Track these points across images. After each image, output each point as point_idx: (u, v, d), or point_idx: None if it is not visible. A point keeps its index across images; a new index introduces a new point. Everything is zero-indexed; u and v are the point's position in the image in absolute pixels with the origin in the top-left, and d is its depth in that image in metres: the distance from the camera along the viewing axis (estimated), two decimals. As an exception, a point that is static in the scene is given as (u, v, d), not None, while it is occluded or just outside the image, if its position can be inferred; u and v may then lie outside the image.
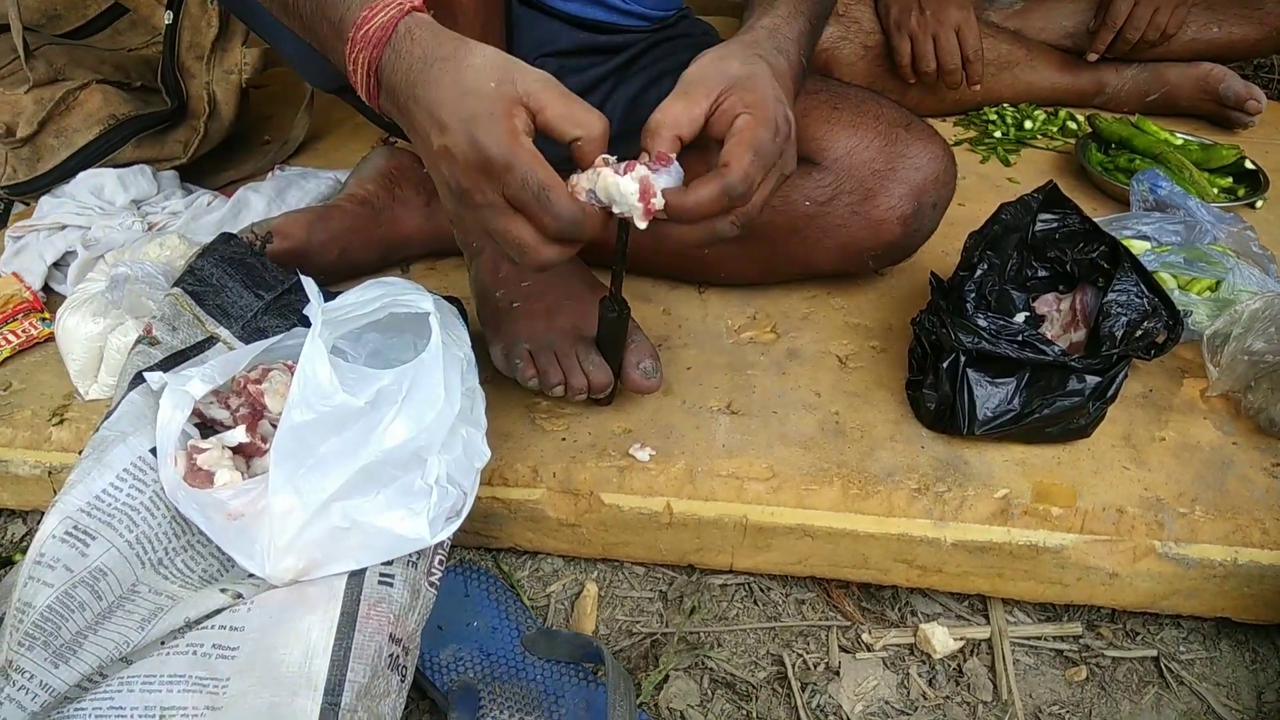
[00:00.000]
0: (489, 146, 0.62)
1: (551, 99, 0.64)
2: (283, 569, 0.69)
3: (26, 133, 1.18)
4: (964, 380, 0.86)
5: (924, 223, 1.00)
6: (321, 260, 1.05)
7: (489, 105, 0.62)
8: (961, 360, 0.87)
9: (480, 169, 0.63)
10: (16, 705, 0.59)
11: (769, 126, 0.68)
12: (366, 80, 0.67)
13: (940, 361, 0.88)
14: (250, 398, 0.80)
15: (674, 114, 0.68)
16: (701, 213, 0.68)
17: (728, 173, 0.67)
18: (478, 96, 0.62)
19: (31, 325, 1.03)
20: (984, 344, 0.85)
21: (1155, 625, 0.89)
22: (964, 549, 0.84)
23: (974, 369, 0.87)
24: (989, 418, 0.86)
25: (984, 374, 0.87)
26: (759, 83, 0.70)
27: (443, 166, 0.65)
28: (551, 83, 0.65)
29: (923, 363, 0.92)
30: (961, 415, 0.87)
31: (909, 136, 0.98)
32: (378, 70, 0.66)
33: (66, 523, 0.67)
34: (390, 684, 0.67)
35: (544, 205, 0.63)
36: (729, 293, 1.12)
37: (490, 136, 0.62)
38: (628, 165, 0.66)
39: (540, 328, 0.92)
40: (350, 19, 0.66)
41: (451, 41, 0.65)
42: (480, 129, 0.62)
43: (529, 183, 0.62)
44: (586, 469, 0.88)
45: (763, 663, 0.86)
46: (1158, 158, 1.37)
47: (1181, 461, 0.89)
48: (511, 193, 0.63)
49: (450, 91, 0.63)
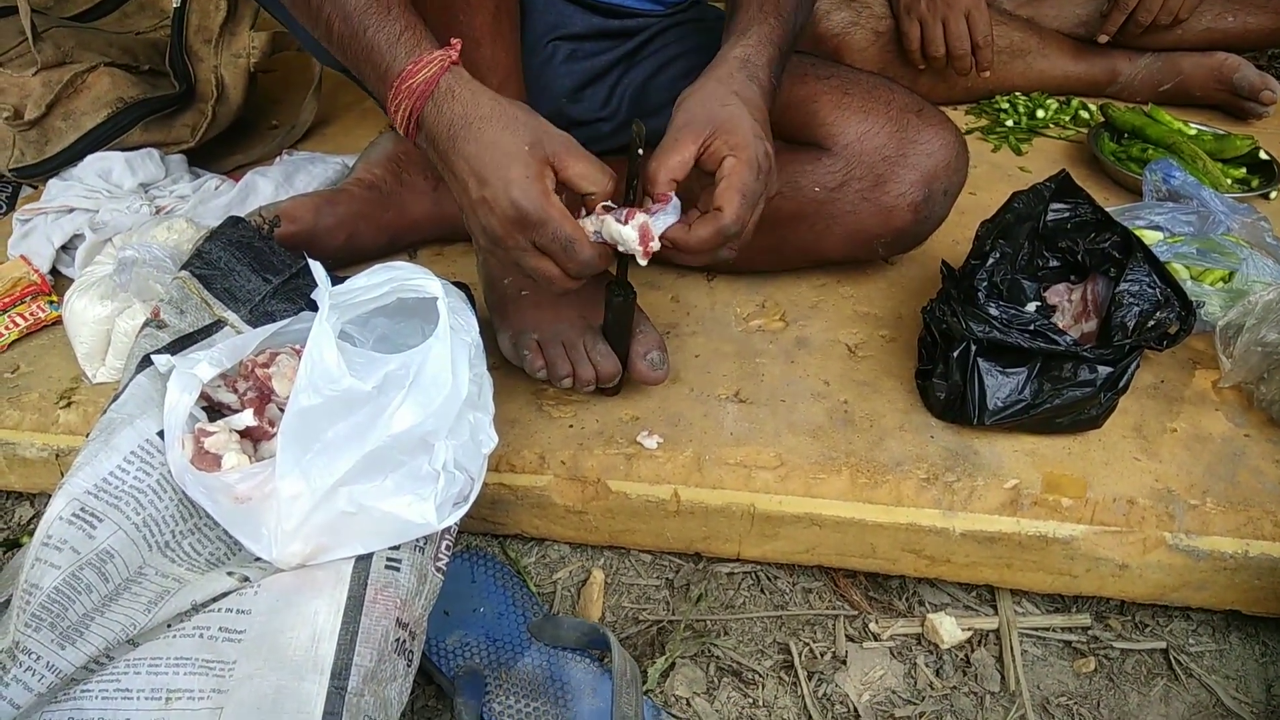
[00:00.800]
0: (526, 205, 0.72)
1: (573, 160, 0.74)
2: (290, 553, 0.69)
3: (34, 115, 1.17)
4: (975, 370, 0.86)
5: (935, 210, 1.00)
6: (328, 244, 1.05)
7: (524, 168, 0.72)
8: (972, 349, 0.86)
9: (517, 222, 0.73)
10: (23, 686, 0.59)
11: (752, 168, 0.77)
12: (406, 124, 0.75)
13: (951, 351, 0.87)
14: (258, 381, 0.80)
15: (668, 163, 0.77)
16: (702, 249, 0.78)
17: (721, 216, 0.76)
18: (515, 158, 0.72)
19: (39, 308, 1.03)
20: (995, 333, 0.84)
21: (1164, 617, 0.88)
22: (973, 539, 0.83)
23: (985, 358, 0.86)
24: (1000, 407, 0.86)
25: (995, 363, 0.86)
26: (739, 124, 0.78)
27: (480, 214, 0.75)
28: (572, 144, 0.75)
29: (932, 352, 0.92)
30: (972, 405, 0.86)
31: (920, 122, 0.97)
32: (419, 119, 0.75)
33: (74, 505, 0.67)
34: (397, 668, 0.67)
35: (570, 254, 0.74)
36: (737, 280, 1.11)
37: (527, 197, 0.72)
38: (629, 213, 0.76)
39: (548, 317, 0.91)
40: (395, 70, 0.74)
41: (489, 102, 0.74)
42: (517, 189, 0.72)
43: (558, 236, 0.73)
44: (594, 456, 0.88)
45: (769, 651, 0.85)
46: (1171, 148, 1.36)
47: (1193, 453, 0.88)
48: (543, 243, 0.74)
49: (490, 151, 0.73)
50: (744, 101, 0.80)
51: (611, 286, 0.86)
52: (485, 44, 0.86)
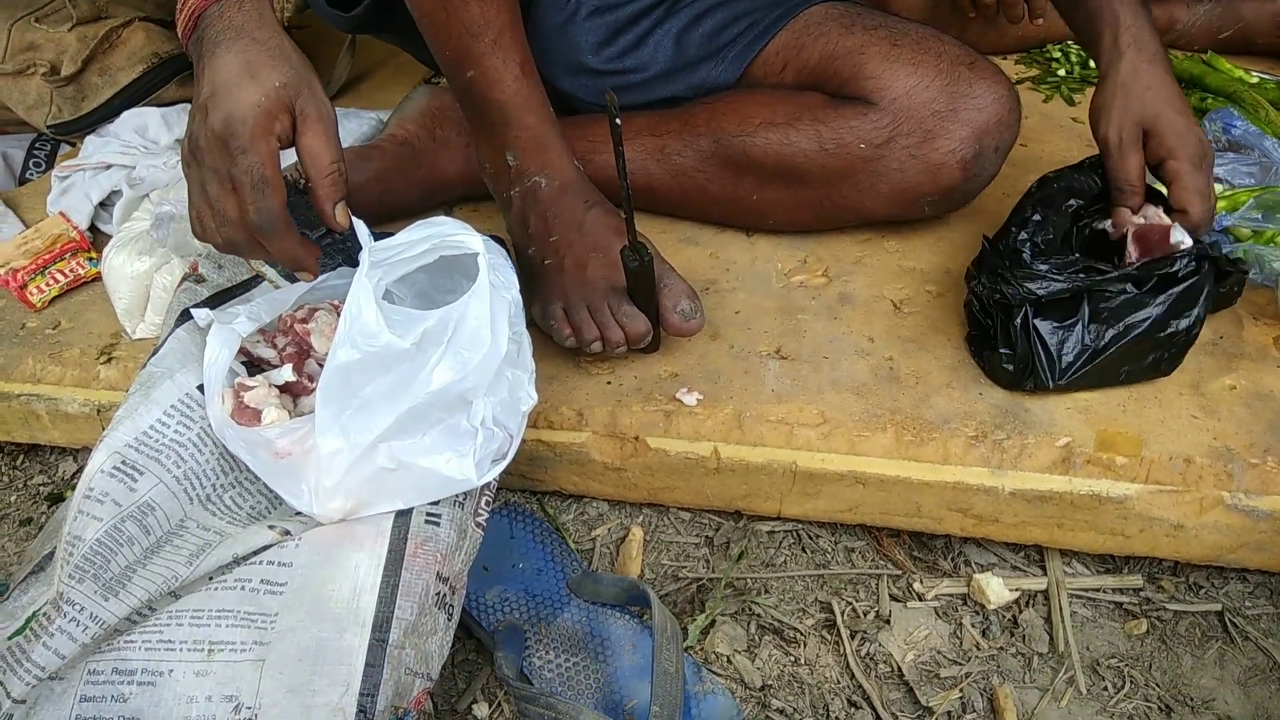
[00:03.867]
0: (239, 127, 0.68)
1: (314, 128, 0.71)
2: (330, 509, 0.69)
3: (70, 71, 1.17)
4: (1036, 333, 0.83)
5: (985, 167, 0.96)
6: (362, 201, 1.04)
7: (260, 97, 0.68)
8: (1030, 315, 0.83)
9: (221, 139, 0.68)
10: (68, 636, 0.60)
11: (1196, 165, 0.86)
12: (188, 20, 0.73)
13: (1012, 320, 0.84)
14: (297, 337, 0.79)
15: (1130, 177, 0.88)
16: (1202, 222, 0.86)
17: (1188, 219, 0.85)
18: (258, 86, 0.69)
19: (79, 265, 1.04)
20: (1054, 284, 0.81)
21: (1220, 579, 0.86)
22: (1022, 498, 0.81)
23: (1041, 319, 0.83)
24: (1071, 362, 0.83)
25: (1052, 321, 0.83)
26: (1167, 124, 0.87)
27: (196, 118, 0.71)
28: (326, 116, 0.72)
29: (981, 320, 0.89)
30: (1043, 369, 0.83)
31: (973, 75, 0.93)
32: (200, 16, 0.72)
33: (114, 458, 0.68)
34: (437, 622, 0.67)
35: (256, 194, 0.69)
36: (779, 236, 1.09)
37: (244, 122, 0.68)
38: None
39: (571, 282, 0.89)
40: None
41: (272, 33, 0.71)
42: (240, 108, 0.68)
43: (252, 171, 0.68)
44: (632, 413, 0.87)
45: (811, 610, 0.84)
46: (1231, 96, 1.31)
47: (1253, 411, 0.85)
48: (236, 172, 0.69)
49: (241, 69, 0.69)
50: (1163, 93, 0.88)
51: (625, 252, 0.84)
52: (474, 2, 0.84)
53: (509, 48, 0.87)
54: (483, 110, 0.89)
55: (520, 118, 0.89)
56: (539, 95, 0.91)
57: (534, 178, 0.91)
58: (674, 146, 1.03)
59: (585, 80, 1.05)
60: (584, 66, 1.04)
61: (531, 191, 0.91)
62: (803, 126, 0.96)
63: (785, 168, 0.98)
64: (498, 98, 0.88)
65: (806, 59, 1.00)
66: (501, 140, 0.91)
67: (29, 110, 1.22)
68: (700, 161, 1.02)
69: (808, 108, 0.96)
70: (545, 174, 0.91)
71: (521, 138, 0.90)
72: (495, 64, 0.87)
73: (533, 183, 0.91)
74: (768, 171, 0.99)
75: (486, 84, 0.88)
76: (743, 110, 0.99)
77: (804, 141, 0.96)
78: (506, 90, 0.88)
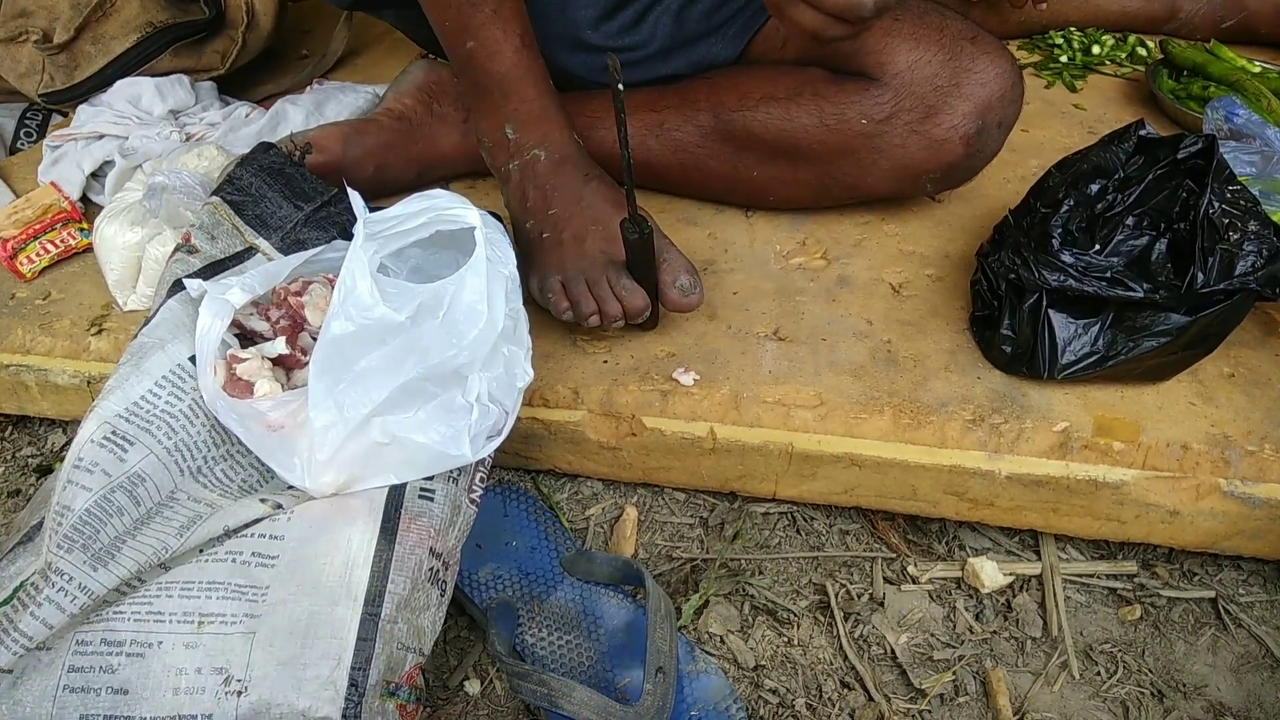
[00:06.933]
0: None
1: None
2: (323, 483, 0.69)
3: (63, 39, 1.15)
4: (1045, 322, 0.82)
5: (988, 143, 0.95)
6: (357, 175, 1.03)
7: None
8: (1044, 301, 0.82)
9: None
10: (56, 606, 0.59)
11: None
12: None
13: (1022, 302, 0.83)
14: (290, 310, 0.78)
15: None
16: None
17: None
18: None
19: (70, 235, 1.02)
20: (1070, 281, 0.79)
21: (1214, 566, 0.86)
22: (1019, 482, 0.81)
23: (1056, 309, 0.82)
24: (1071, 361, 0.82)
25: (1067, 314, 0.82)
26: None
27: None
28: None
29: (989, 299, 0.88)
30: (1041, 359, 0.82)
31: (975, 49, 0.92)
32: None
33: (105, 428, 0.67)
34: (430, 597, 0.66)
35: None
36: (777, 217, 1.08)
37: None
38: None
39: (570, 256, 0.88)
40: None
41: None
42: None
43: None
44: (628, 392, 0.86)
45: (805, 591, 0.84)
46: (1234, 85, 1.30)
47: (1251, 398, 0.85)
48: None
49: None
50: None
51: (625, 224, 0.82)
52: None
53: (509, 18, 0.86)
54: (482, 82, 0.88)
55: (520, 89, 0.88)
56: (539, 68, 0.90)
57: (533, 150, 0.90)
58: (673, 122, 1.02)
59: (584, 57, 1.04)
60: (583, 43, 1.03)
61: (530, 165, 0.90)
62: (804, 102, 0.95)
63: (786, 144, 0.97)
64: (497, 69, 0.87)
65: None
66: (500, 113, 0.90)
67: (20, 78, 1.21)
68: (700, 137, 1.01)
69: (809, 83, 0.95)
70: (544, 147, 0.90)
71: (521, 110, 0.89)
72: (495, 34, 0.86)
73: (531, 155, 0.90)
74: (768, 148, 0.98)
75: (486, 55, 0.86)
76: (743, 86, 0.99)
77: (805, 117, 0.95)
78: (506, 61, 0.87)
